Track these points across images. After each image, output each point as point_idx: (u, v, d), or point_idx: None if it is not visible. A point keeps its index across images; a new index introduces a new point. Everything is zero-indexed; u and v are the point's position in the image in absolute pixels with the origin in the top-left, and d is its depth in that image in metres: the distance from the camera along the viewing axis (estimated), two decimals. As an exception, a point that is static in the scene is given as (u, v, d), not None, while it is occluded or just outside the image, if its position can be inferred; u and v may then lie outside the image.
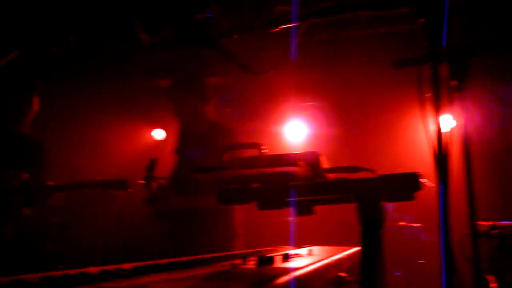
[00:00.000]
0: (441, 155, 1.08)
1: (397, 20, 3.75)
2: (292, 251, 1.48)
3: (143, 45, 3.48)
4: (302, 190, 1.08)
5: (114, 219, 4.26)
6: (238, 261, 1.19)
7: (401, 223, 4.59)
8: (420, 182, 1.18)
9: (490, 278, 1.73)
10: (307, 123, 5.51)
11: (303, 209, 1.29)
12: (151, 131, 5.51)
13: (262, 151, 1.05)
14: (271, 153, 1.06)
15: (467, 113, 1.60)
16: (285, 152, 1.06)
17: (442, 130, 1.29)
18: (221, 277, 0.97)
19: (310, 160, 1.06)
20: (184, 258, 1.27)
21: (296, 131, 5.53)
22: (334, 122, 5.33)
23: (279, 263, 1.18)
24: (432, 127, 1.19)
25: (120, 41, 3.87)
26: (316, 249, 1.71)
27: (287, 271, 1.02)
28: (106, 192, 3.07)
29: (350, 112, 5.31)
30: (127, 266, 1.10)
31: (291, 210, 1.34)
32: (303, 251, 1.56)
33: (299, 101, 5.38)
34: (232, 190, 1.17)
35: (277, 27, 1.68)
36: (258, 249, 1.64)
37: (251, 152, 1.07)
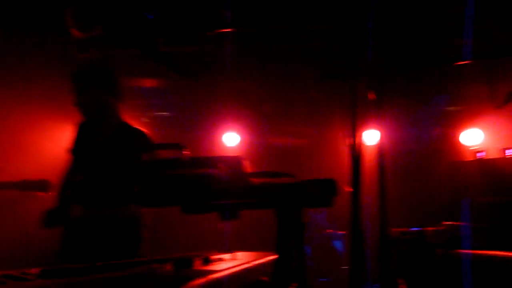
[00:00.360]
0: (355, 164, 1.16)
1: (326, 36, 3.93)
2: (214, 256, 1.48)
3: (73, 41, 3.31)
4: (224, 194, 1.09)
5: (31, 222, 3.97)
6: (155, 265, 1.17)
7: (328, 231, 4.78)
8: (337, 188, 1.25)
9: (401, 280, 1.86)
10: (242, 131, 5.61)
11: (227, 214, 1.30)
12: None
13: (183, 152, 1.04)
14: (192, 155, 1.06)
15: (384, 127, 1.71)
16: (207, 155, 1.06)
17: (363, 143, 1.38)
18: (135, 280, 0.94)
19: (232, 164, 1.07)
20: (99, 263, 1.22)
21: (231, 139, 5.59)
22: (268, 130, 5.49)
23: (198, 267, 1.17)
24: (350, 138, 1.26)
25: (49, 34, 3.65)
26: (241, 254, 1.72)
27: (205, 273, 1.02)
28: (24, 193, 2.86)
29: (283, 122, 5.51)
30: (35, 270, 1.03)
31: (216, 214, 1.33)
32: (226, 255, 1.56)
33: (236, 109, 5.44)
34: (154, 193, 1.14)
35: (211, 30, 1.70)
36: (179, 255, 1.62)
37: (171, 154, 1.06)
